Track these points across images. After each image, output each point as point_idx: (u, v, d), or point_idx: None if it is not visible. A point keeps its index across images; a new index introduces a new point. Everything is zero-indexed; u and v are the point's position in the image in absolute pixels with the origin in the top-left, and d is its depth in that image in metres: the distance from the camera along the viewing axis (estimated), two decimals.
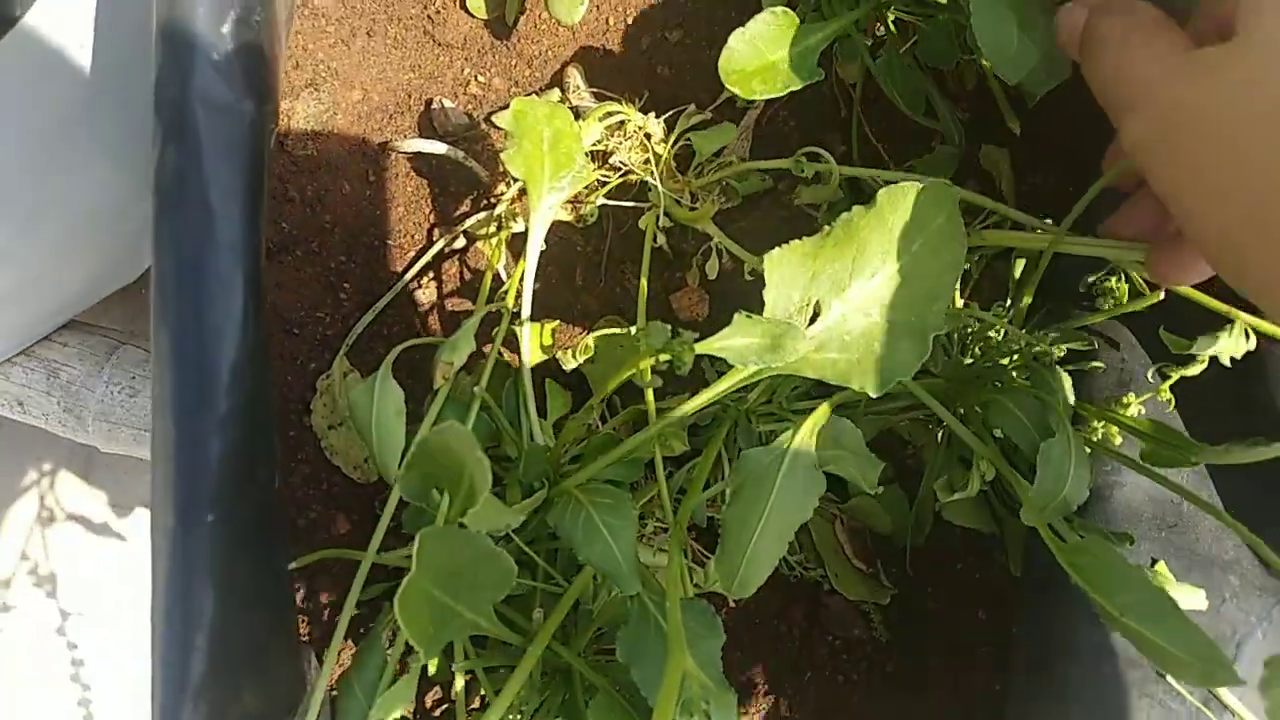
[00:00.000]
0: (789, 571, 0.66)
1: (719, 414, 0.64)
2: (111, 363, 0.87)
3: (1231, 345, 0.52)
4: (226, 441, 0.45)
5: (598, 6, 0.75)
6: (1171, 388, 0.55)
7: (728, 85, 0.60)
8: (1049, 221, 0.62)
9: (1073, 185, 0.60)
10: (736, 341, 0.47)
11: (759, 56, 0.61)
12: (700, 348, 0.47)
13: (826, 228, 0.51)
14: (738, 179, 0.71)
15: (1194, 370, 0.54)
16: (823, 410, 0.51)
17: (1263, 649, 0.51)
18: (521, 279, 0.59)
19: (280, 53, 0.52)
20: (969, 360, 0.61)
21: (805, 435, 0.49)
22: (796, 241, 0.50)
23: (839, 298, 0.50)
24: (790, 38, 0.62)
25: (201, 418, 0.44)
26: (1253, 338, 0.53)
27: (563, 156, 0.60)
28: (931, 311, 0.50)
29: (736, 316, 0.48)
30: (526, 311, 0.59)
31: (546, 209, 0.60)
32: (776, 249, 0.50)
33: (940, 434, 0.64)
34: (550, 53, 0.75)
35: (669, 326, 0.47)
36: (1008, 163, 0.72)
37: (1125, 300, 0.58)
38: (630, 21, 0.76)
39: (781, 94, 0.61)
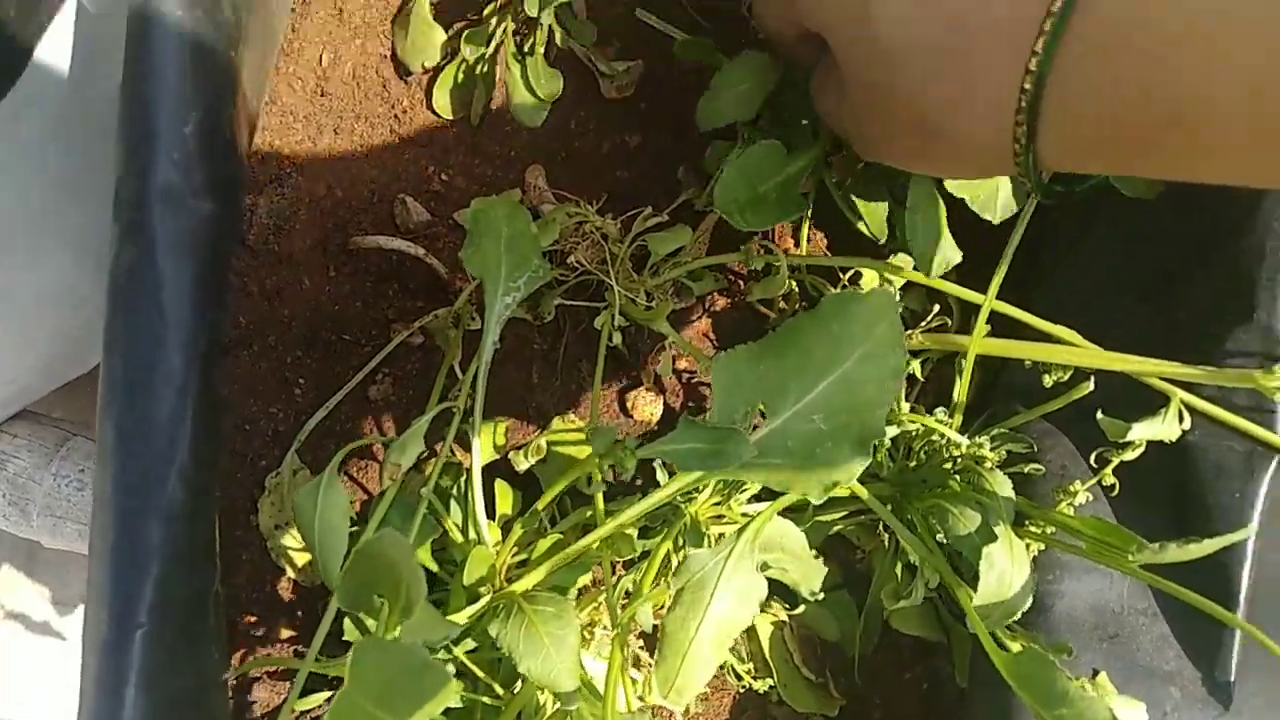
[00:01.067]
0: (737, 681, 0.65)
1: (669, 515, 0.64)
2: (60, 455, 0.86)
3: (1169, 426, 0.54)
4: (167, 541, 0.45)
5: (560, 111, 0.77)
6: (1108, 488, 0.56)
7: (724, 215, 0.62)
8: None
9: (1014, 298, 0.62)
10: (680, 447, 0.48)
11: (752, 188, 0.63)
12: (643, 453, 0.47)
13: (771, 333, 0.52)
14: (692, 279, 0.73)
15: (1131, 455, 0.55)
16: (767, 514, 0.52)
17: None
18: (475, 377, 0.59)
19: (242, 151, 0.54)
20: (914, 464, 0.62)
21: (749, 539, 0.50)
22: (742, 346, 0.51)
23: (783, 403, 0.51)
24: (779, 168, 0.64)
25: (143, 516, 0.44)
26: (1187, 417, 0.54)
27: (520, 257, 0.61)
28: (873, 418, 0.51)
29: (681, 421, 0.48)
30: (479, 411, 0.59)
31: (502, 308, 0.60)
32: (723, 353, 0.51)
33: (888, 539, 0.64)
34: (513, 153, 0.77)
35: (614, 431, 0.48)
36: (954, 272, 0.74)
37: (1056, 386, 0.60)
38: (592, 126, 0.78)
39: (771, 226, 0.63)
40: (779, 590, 0.67)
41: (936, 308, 0.70)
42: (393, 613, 0.44)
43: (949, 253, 0.64)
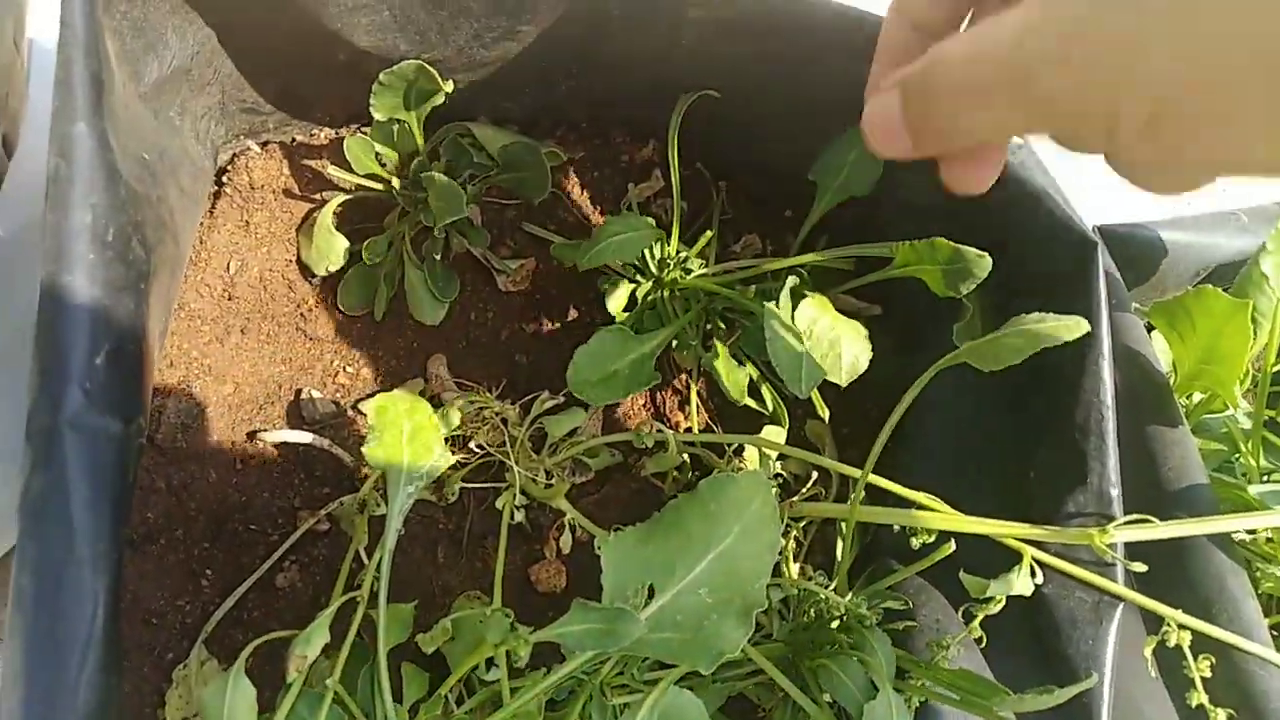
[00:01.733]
0: None
1: (575, 687, 0.66)
2: None
3: (1022, 582, 0.59)
4: None
5: (460, 305, 0.83)
6: (979, 642, 0.61)
7: (576, 393, 0.68)
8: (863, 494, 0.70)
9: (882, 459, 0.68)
10: (574, 628, 0.51)
11: (601, 368, 0.69)
12: (539, 636, 0.51)
13: (656, 514, 0.56)
14: (589, 455, 0.78)
15: (995, 609, 0.60)
16: (662, 686, 0.55)
17: None
18: (380, 564, 0.62)
19: (151, 367, 0.57)
20: (805, 622, 0.66)
21: (645, 713, 0.53)
22: (630, 529, 0.56)
23: (670, 580, 0.55)
24: (627, 348, 0.70)
25: None
26: (1039, 573, 0.60)
27: (421, 448, 0.65)
28: (753, 590, 0.55)
29: (575, 604, 0.52)
30: (384, 596, 0.62)
31: (405, 497, 0.64)
32: (612, 536, 0.55)
33: (784, 698, 0.68)
34: (415, 344, 0.81)
35: (509, 619, 0.51)
36: (829, 435, 0.81)
37: (924, 547, 0.65)
38: (491, 316, 0.83)
39: (622, 398, 0.68)
40: None
41: (815, 474, 0.75)
42: None
43: (856, 351, 0.69)
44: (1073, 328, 0.55)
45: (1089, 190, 0.74)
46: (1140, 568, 0.59)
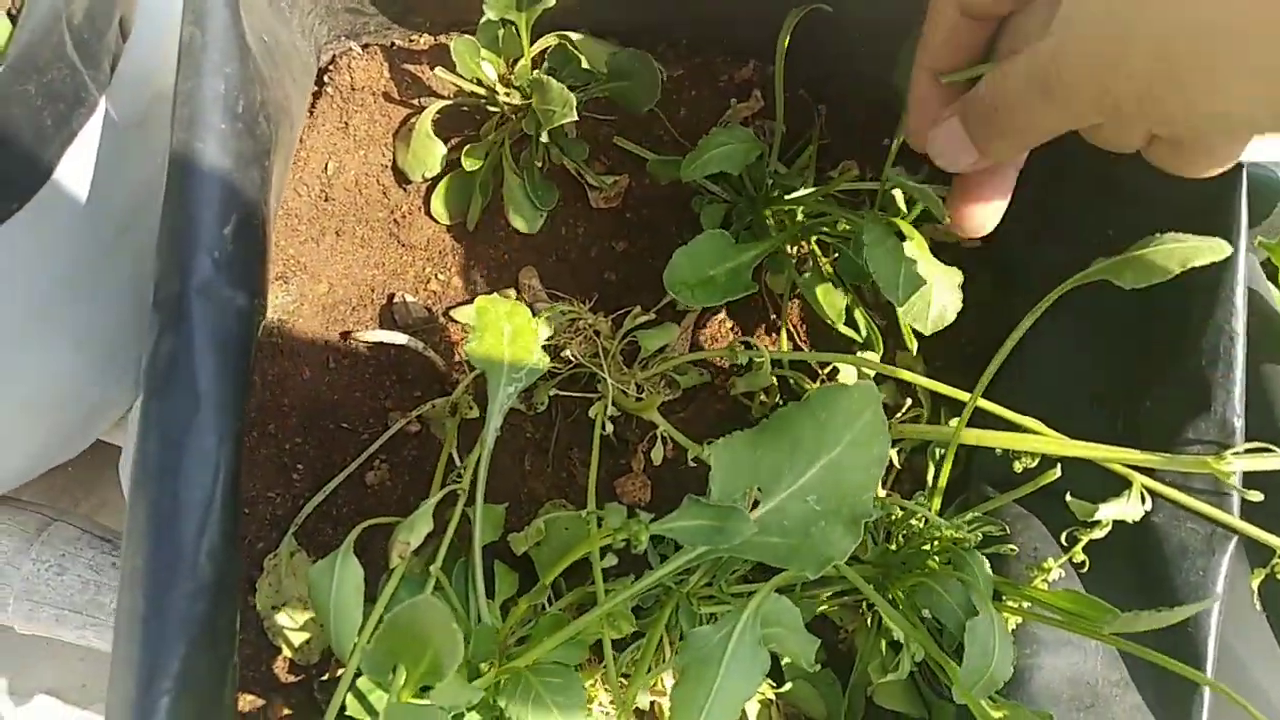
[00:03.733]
0: None
1: (661, 596, 0.66)
2: (41, 540, 0.86)
3: (1131, 508, 0.58)
4: (194, 617, 0.46)
5: (551, 218, 0.82)
6: (1079, 568, 0.60)
7: (672, 293, 0.67)
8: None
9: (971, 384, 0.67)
10: (687, 523, 0.51)
11: (699, 271, 0.68)
12: (654, 528, 0.50)
13: (765, 420, 0.56)
14: (678, 372, 0.77)
15: (1099, 533, 0.59)
16: (767, 588, 0.54)
17: None
18: (477, 463, 0.62)
19: (269, 248, 0.57)
20: (894, 547, 0.66)
21: (751, 613, 0.52)
22: (738, 432, 0.55)
23: (778, 485, 0.54)
24: (726, 255, 0.69)
25: (172, 592, 0.45)
26: (1149, 500, 0.59)
27: (521, 350, 0.65)
28: (861, 501, 0.54)
29: (686, 500, 0.52)
30: (480, 494, 0.62)
31: (505, 397, 0.64)
32: (721, 439, 0.54)
33: (870, 618, 0.67)
34: (507, 256, 0.81)
35: (625, 508, 0.51)
36: (921, 366, 0.79)
37: (1025, 472, 0.64)
38: (581, 232, 0.83)
39: (719, 303, 0.67)
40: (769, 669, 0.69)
41: (909, 401, 0.74)
42: (409, 680, 0.45)
43: (946, 302, 0.67)
44: (1216, 249, 0.53)
45: None
46: (1257, 496, 0.58)
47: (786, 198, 0.79)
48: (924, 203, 0.60)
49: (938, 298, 0.70)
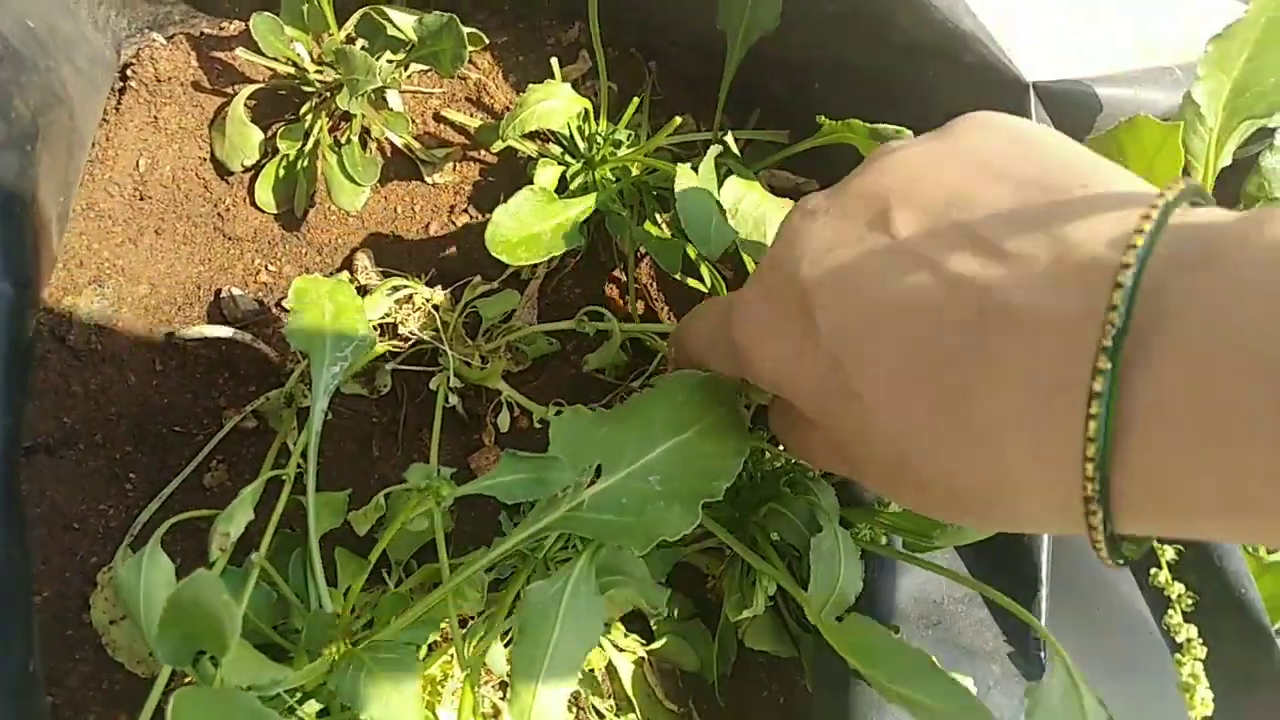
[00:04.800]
0: (599, 718, 0.66)
1: (518, 565, 0.64)
2: None
3: None
4: None
5: (384, 197, 0.80)
6: None
7: (494, 253, 0.65)
8: None
9: None
10: (505, 479, 0.49)
11: (522, 228, 0.67)
12: (467, 487, 0.49)
13: (619, 405, 0.54)
14: (526, 343, 0.75)
15: None
16: (597, 544, 0.53)
17: None
18: (306, 446, 0.60)
19: (47, 239, 0.54)
20: (750, 484, 0.65)
21: (584, 564, 0.51)
22: (586, 410, 0.53)
23: (619, 463, 0.52)
24: (550, 211, 0.68)
25: None
26: None
27: (345, 327, 0.63)
28: (711, 487, 0.52)
29: (504, 455, 0.50)
30: (311, 477, 0.59)
31: (330, 377, 0.61)
32: (566, 410, 0.53)
33: (734, 561, 0.67)
34: (340, 240, 0.78)
35: (431, 467, 0.49)
36: None
37: None
38: (416, 209, 0.81)
39: (544, 259, 0.66)
40: (637, 627, 0.68)
41: None
42: (220, 666, 0.43)
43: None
44: None
45: (1018, 46, 0.72)
46: None
47: (617, 154, 0.78)
48: None
49: (774, 228, 0.69)
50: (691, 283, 0.79)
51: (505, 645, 0.59)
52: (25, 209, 0.50)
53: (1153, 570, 0.53)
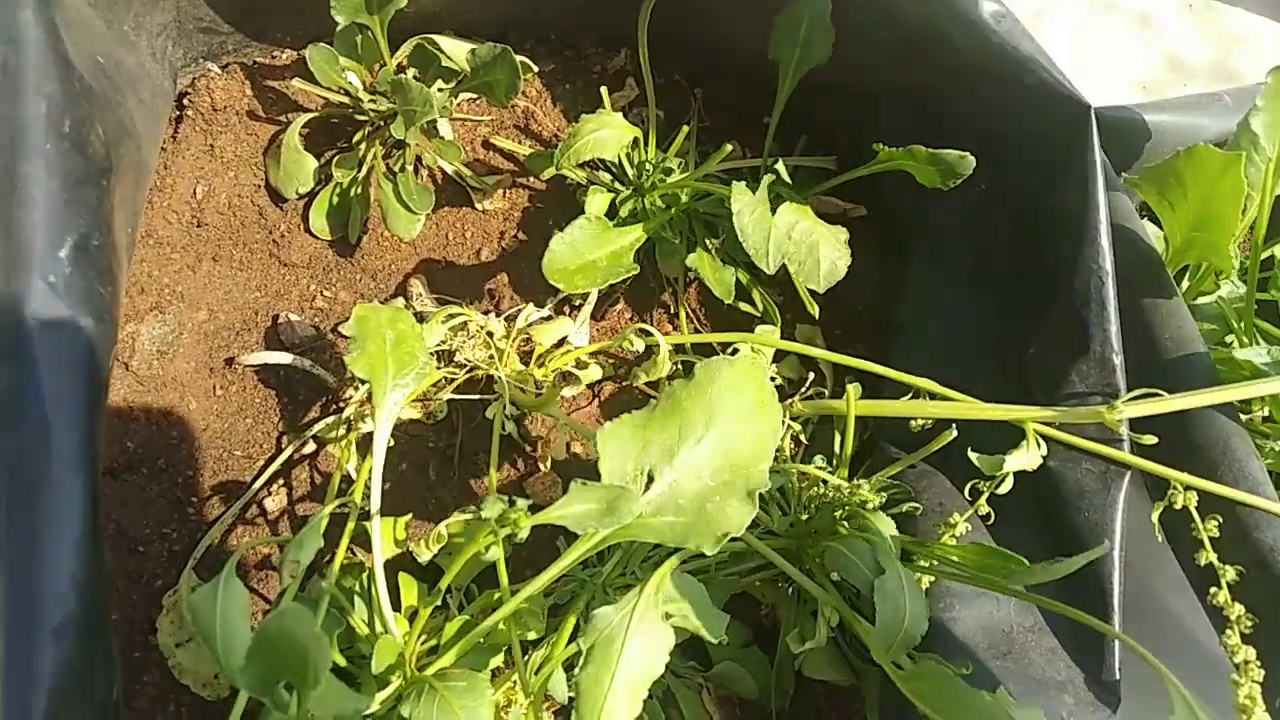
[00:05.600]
0: None
1: (577, 590, 0.65)
2: None
3: (1029, 458, 0.58)
4: (60, 658, 0.44)
5: (436, 224, 0.81)
6: (985, 520, 0.60)
7: (552, 281, 0.66)
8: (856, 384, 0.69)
9: (877, 356, 0.67)
10: (575, 509, 0.50)
11: (578, 256, 0.67)
12: (539, 518, 0.49)
13: (653, 401, 0.55)
14: (579, 367, 0.76)
15: (1003, 489, 0.59)
16: (667, 566, 0.53)
17: None
18: (370, 475, 0.60)
19: (120, 272, 0.55)
20: (806, 517, 0.65)
21: (651, 591, 0.51)
22: (627, 415, 0.54)
23: (670, 464, 0.53)
24: (605, 240, 0.69)
25: (34, 632, 0.43)
26: (1043, 445, 0.59)
27: (406, 356, 0.63)
28: (755, 472, 0.54)
29: (573, 485, 0.50)
30: (375, 504, 0.60)
31: (392, 405, 0.62)
32: (609, 422, 0.53)
33: (791, 591, 0.67)
34: (393, 266, 0.79)
35: (507, 497, 0.49)
36: (820, 337, 0.80)
37: (925, 432, 0.64)
38: (468, 235, 0.81)
39: (602, 286, 0.66)
40: (695, 654, 0.68)
41: (811, 375, 0.74)
42: (303, 696, 0.43)
43: (835, 258, 0.69)
44: None
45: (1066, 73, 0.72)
46: (1151, 440, 0.58)
47: (667, 180, 0.78)
48: None
49: (825, 255, 0.70)
50: (744, 307, 0.79)
51: (567, 671, 0.59)
52: (103, 242, 0.51)
53: (1212, 590, 0.53)
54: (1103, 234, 0.60)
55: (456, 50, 0.76)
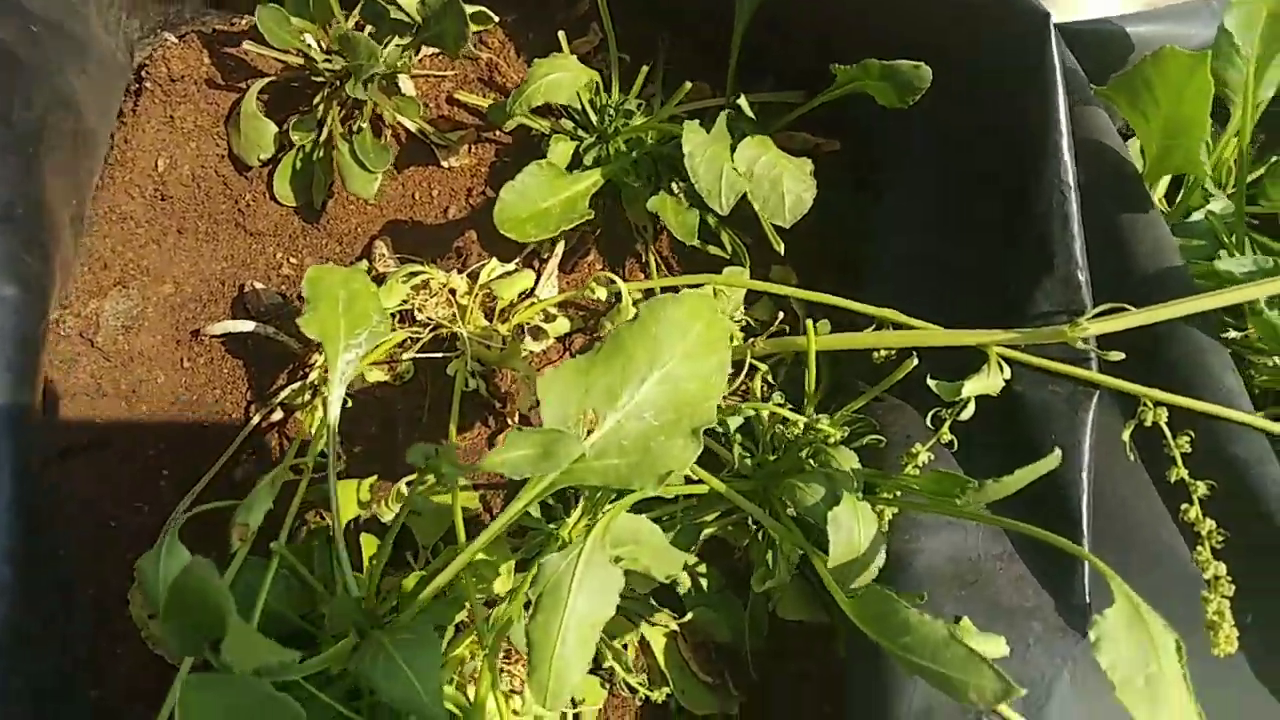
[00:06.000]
0: (632, 694, 0.65)
1: (544, 543, 0.64)
2: None
3: (991, 381, 0.56)
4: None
5: (402, 184, 0.80)
6: (949, 446, 0.58)
7: (502, 231, 0.65)
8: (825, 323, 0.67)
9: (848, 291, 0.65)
10: (511, 455, 0.49)
11: (530, 204, 0.66)
12: (473, 466, 0.48)
13: (598, 344, 0.54)
14: (548, 320, 0.75)
15: (965, 415, 0.57)
16: (616, 509, 0.52)
17: (1071, 690, 0.52)
18: (326, 435, 0.60)
19: (57, 242, 0.55)
20: (774, 458, 0.64)
21: (598, 535, 0.50)
22: (571, 360, 0.53)
23: (613, 407, 0.52)
24: (558, 186, 0.67)
25: None
26: (1006, 369, 0.57)
27: (359, 315, 0.63)
28: (702, 410, 0.52)
29: (510, 432, 0.49)
30: (332, 467, 0.60)
31: (345, 364, 0.61)
32: (550, 368, 0.52)
33: (758, 532, 0.65)
34: (359, 229, 0.79)
35: (433, 446, 0.49)
36: (793, 276, 0.78)
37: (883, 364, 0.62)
38: (434, 193, 0.80)
39: (554, 234, 0.65)
40: (669, 601, 0.67)
41: (783, 316, 0.72)
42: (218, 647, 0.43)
43: (799, 190, 0.67)
44: None
45: None
46: (1116, 356, 0.56)
47: (630, 124, 0.76)
48: None
49: (790, 188, 0.68)
50: (713, 250, 0.77)
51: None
52: (31, 212, 0.50)
53: (1184, 506, 0.51)
54: (1064, 147, 0.58)
55: (410, 2, 0.75)
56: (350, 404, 0.69)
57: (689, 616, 0.65)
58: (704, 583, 0.66)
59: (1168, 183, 0.74)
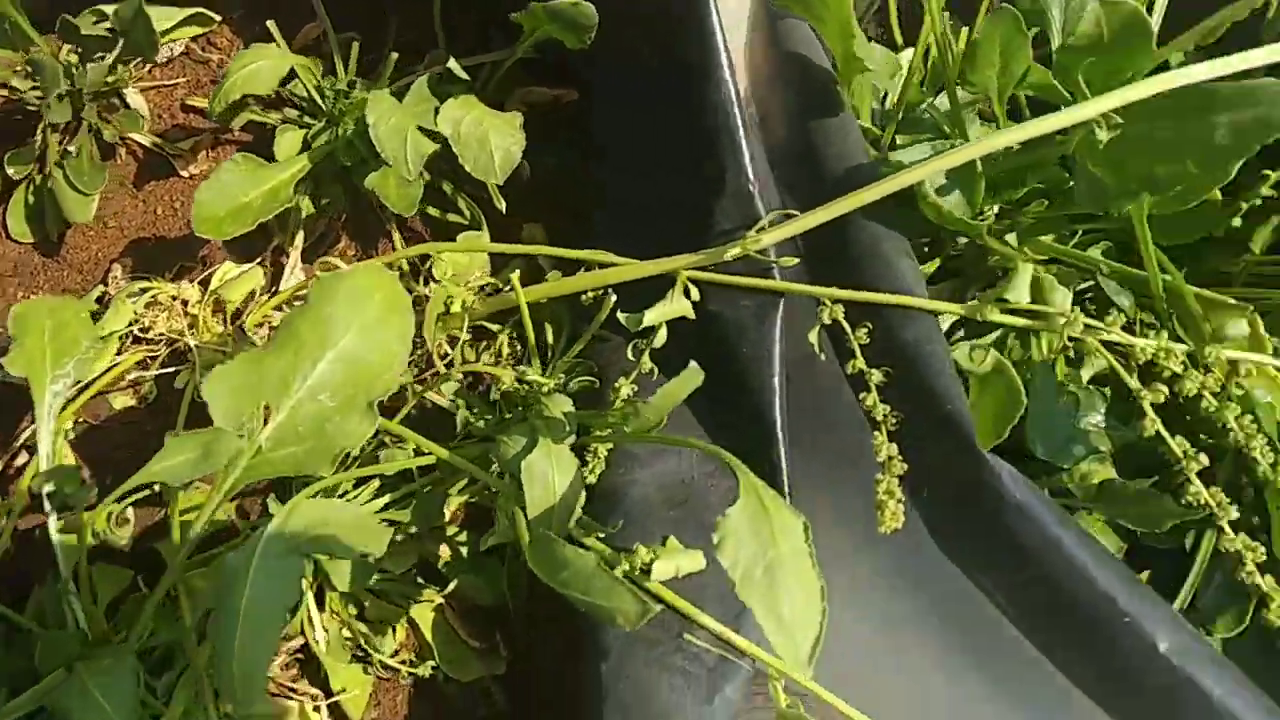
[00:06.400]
0: (393, 673, 0.65)
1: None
2: None
3: (678, 305, 0.56)
4: None
5: (143, 200, 0.78)
6: (649, 375, 0.58)
7: (200, 233, 0.64)
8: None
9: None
10: (166, 463, 0.48)
11: (230, 201, 0.65)
12: (131, 482, 0.48)
13: (272, 334, 0.53)
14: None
15: (659, 342, 0.57)
16: (299, 498, 0.52)
17: None
18: (34, 474, 0.59)
19: None
20: (509, 416, 0.64)
21: (276, 527, 0.50)
22: (241, 354, 0.52)
23: (287, 394, 0.51)
24: (259, 179, 0.66)
25: None
26: (694, 291, 0.57)
27: (66, 344, 0.61)
28: (379, 383, 0.52)
29: (166, 438, 0.49)
30: (53, 504, 0.58)
31: (52, 397, 0.60)
32: (217, 367, 0.51)
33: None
34: (99, 255, 0.77)
35: (71, 469, 0.48)
36: (542, 234, 0.77)
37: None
38: (177, 206, 0.79)
39: (252, 227, 0.64)
40: (430, 575, 0.67)
41: (518, 271, 0.71)
42: None
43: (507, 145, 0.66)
44: None
45: None
46: (790, 262, 0.56)
47: (350, 103, 0.75)
48: None
49: (498, 144, 0.67)
50: (452, 218, 0.77)
51: None
52: None
53: (861, 394, 0.51)
54: (723, 65, 0.57)
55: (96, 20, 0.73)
56: (67, 436, 0.68)
57: (452, 587, 0.65)
58: (463, 550, 0.65)
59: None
